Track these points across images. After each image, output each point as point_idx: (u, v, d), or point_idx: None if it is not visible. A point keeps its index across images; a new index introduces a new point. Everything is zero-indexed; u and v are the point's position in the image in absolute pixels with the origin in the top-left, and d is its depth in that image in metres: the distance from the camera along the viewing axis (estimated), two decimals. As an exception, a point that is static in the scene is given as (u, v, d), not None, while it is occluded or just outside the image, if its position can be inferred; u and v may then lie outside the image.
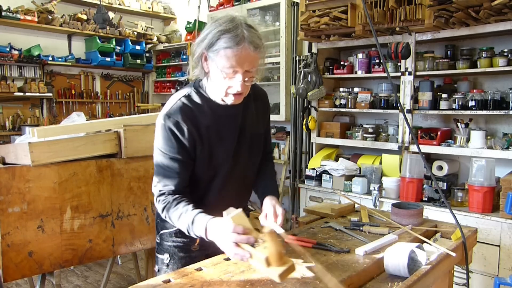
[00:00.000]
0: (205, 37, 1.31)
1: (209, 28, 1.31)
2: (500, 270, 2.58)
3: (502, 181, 2.55)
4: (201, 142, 1.40)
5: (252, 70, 1.31)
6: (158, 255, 1.58)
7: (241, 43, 1.25)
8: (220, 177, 1.48)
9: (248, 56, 1.27)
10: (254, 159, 1.58)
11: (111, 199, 2.40)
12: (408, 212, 1.74)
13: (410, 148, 3.16)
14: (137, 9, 5.77)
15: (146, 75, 6.20)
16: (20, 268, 2.06)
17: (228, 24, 1.27)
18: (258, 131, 1.56)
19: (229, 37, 1.25)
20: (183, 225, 1.32)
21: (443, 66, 3.02)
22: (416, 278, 1.21)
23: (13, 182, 2.03)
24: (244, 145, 1.50)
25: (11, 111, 4.86)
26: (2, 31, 4.73)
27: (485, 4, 2.47)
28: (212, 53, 1.30)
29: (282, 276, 1.11)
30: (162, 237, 1.56)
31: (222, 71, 1.29)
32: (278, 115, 4.22)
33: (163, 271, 1.54)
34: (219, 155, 1.45)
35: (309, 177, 3.63)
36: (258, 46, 1.29)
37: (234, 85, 1.32)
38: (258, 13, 4.37)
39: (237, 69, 1.28)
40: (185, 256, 1.52)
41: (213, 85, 1.38)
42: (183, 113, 1.37)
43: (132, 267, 3.74)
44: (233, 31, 1.26)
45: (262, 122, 1.59)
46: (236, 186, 1.55)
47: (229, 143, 1.47)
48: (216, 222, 1.24)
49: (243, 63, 1.28)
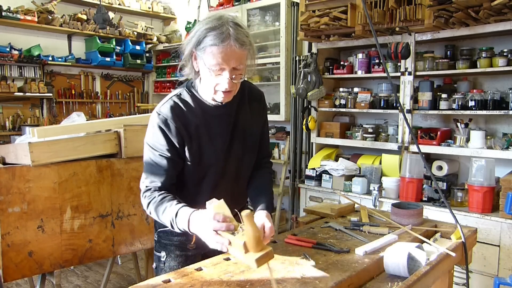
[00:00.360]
0: (193, 35, 1.32)
1: (197, 26, 1.33)
2: (500, 270, 2.58)
3: (502, 181, 2.55)
4: (190, 140, 1.41)
5: (239, 68, 1.32)
6: (155, 252, 1.60)
7: (226, 40, 1.27)
8: (210, 177, 1.48)
9: (233, 53, 1.28)
10: (247, 160, 1.57)
11: (111, 199, 2.40)
12: (408, 212, 1.74)
13: (410, 148, 3.16)
14: (137, 9, 5.77)
15: (146, 75, 6.20)
16: (20, 268, 2.06)
17: (215, 22, 1.29)
18: (252, 131, 1.55)
19: (214, 34, 1.27)
20: (167, 219, 1.33)
21: (443, 66, 3.02)
22: (416, 278, 1.21)
23: (13, 182, 2.03)
24: (236, 145, 1.50)
25: (11, 111, 4.86)
26: (2, 31, 4.73)
27: (485, 4, 2.47)
28: (200, 51, 1.31)
29: (259, 261, 1.10)
30: (159, 235, 1.58)
31: (210, 69, 1.31)
32: (278, 115, 4.22)
33: (160, 268, 1.57)
34: (209, 155, 1.45)
35: (309, 177, 3.63)
36: (244, 43, 1.30)
37: (222, 83, 1.33)
38: (258, 13, 4.38)
39: (223, 66, 1.29)
40: (181, 255, 1.54)
41: (203, 84, 1.39)
42: (173, 111, 1.39)
43: (132, 267, 3.74)
44: (218, 29, 1.27)
45: (257, 123, 1.57)
46: (229, 187, 1.54)
47: (220, 143, 1.47)
48: (198, 213, 1.26)
49: (229, 60, 1.29)
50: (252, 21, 4.42)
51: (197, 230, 1.24)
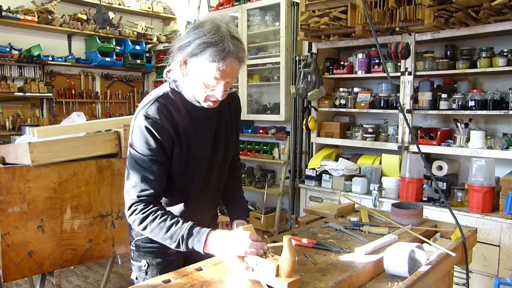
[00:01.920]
0: (187, 44, 1.27)
1: (193, 35, 1.27)
2: (500, 270, 2.58)
3: (502, 181, 2.55)
4: (179, 143, 1.37)
5: (233, 81, 1.33)
6: (134, 262, 1.53)
7: (227, 58, 1.24)
8: (197, 179, 1.46)
9: (233, 70, 1.27)
10: (227, 161, 1.56)
11: (111, 199, 2.40)
12: (408, 212, 1.74)
13: (410, 148, 3.16)
14: (137, 9, 5.77)
15: (146, 75, 6.20)
16: (20, 268, 2.06)
17: (214, 36, 1.23)
18: (231, 134, 1.55)
19: (215, 51, 1.23)
20: (171, 237, 1.28)
21: (443, 66, 3.02)
22: (416, 278, 1.21)
23: (13, 182, 2.03)
24: (219, 147, 1.49)
25: (11, 111, 4.86)
26: (2, 31, 4.73)
27: (485, 4, 2.47)
28: (194, 61, 1.27)
29: (291, 286, 1.10)
30: (137, 244, 1.51)
31: (205, 82, 1.29)
32: (278, 115, 4.22)
33: (141, 278, 1.50)
34: (197, 157, 1.42)
35: (309, 177, 3.63)
36: (242, 60, 1.28)
37: (215, 94, 1.32)
38: (258, 13, 4.37)
39: (220, 81, 1.28)
40: (163, 261, 1.49)
41: (192, 89, 1.35)
42: (161, 113, 1.33)
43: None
44: (219, 45, 1.23)
45: (235, 125, 1.58)
46: (212, 188, 1.53)
47: (205, 146, 1.44)
48: (221, 232, 1.26)
49: (227, 76, 1.27)
50: (252, 21, 4.41)
51: (220, 249, 1.23)
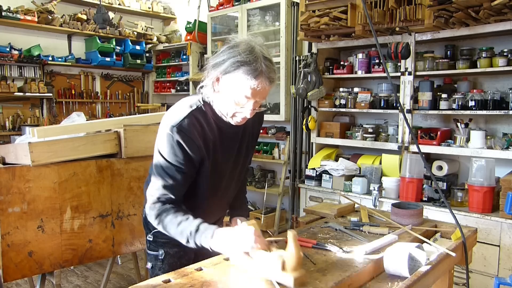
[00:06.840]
0: (222, 62, 1.32)
1: (227, 54, 1.32)
2: (500, 270, 2.58)
3: (502, 181, 2.55)
4: (208, 157, 1.44)
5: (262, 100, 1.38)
6: (151, 252, 1.62)
7: (259, 77, 1.29)
8: (215, 191, 1.55)
9: (264, 90, 1.33)
10: (243, 174, 1.69)
11: (111, 199, 2.40)
12: (408, 212, 1.74)
13: (410, 148, 3.16)
14: (137, 9, 5.77)
15: (146, 75, 6.20)
16: (20, 268, 2.06)
17: (248, 56, 1.29)
18: (251, 149, 1.64)
19: (248, 70, 1.28)
20: (181, 233, 1.34)
21: (443, 66, 3.02)
22: (416, 278, 1.21)
23: (13, 182, 2.03)
24: (239, 162, 1.58)
25: (11, 111, 4.86)
26: (2, 31, 4.73)
27: (485, 4, 2.47)
28: (227, 78, 1.32)
29: (297, 280, 1.11)
30: (155, 235, 1.59)
31: (235, 99, 1.34)
32: (278, 115, 4.22)
33: (157, 267, 1.60)
34: (219, 171, 1.51)
35: (309, 177, 3.63)
36: (273, 80, 1.34)
37: (244, 112, 1.37)
38: (258, 13, 4.37)
39: (250, 99, 1.33)
40: (179, 251, 1.58)
41: (222, 105, 1.40)
42: (194, 128, 1.38)
43: (132, 267, 3.74)
44: (252, 64, 1.29)
45: (255, 141, 1.66)
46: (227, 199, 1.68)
47: (229, 161, 1.53)
48: (226, 229, 1.30)
49: (257, 95, 1.33)
50: (252, 21, 4.41)
51: (226, 245, 1.26)
